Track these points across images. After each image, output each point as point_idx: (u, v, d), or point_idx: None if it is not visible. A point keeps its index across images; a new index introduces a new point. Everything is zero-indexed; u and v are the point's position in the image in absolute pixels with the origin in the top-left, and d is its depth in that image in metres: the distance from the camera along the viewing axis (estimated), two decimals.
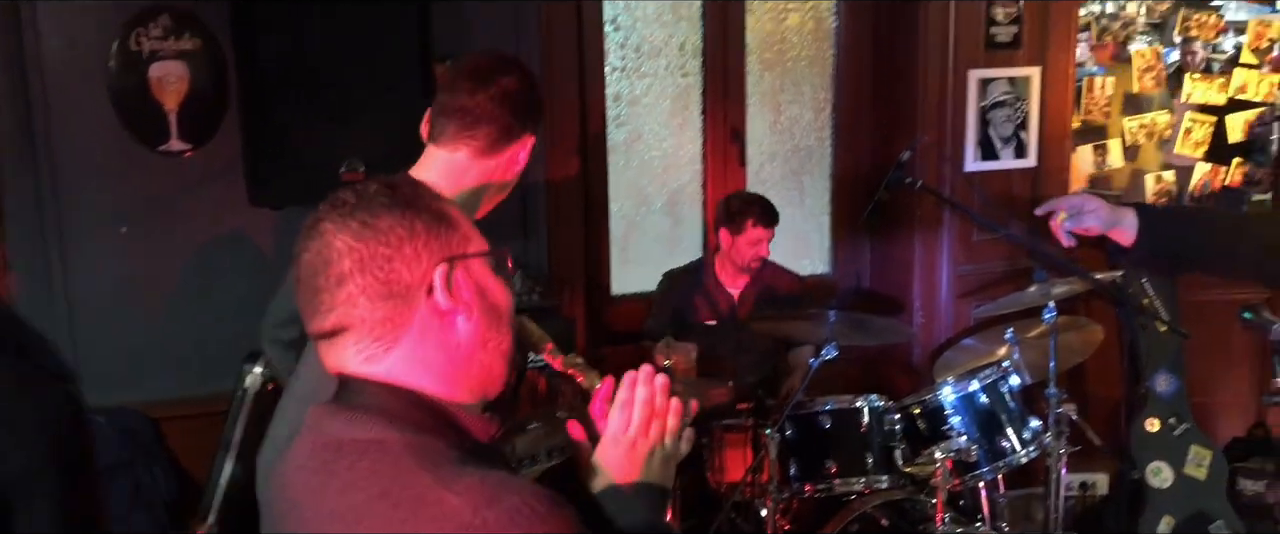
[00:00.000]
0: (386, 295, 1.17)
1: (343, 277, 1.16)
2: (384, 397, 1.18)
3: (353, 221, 1.17)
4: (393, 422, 1.16)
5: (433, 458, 1.12)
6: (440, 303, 1.19)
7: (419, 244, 1.18)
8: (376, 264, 1.17)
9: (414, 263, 1.18)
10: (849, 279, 4.37)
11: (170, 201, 3.28)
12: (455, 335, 1.21)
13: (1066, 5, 4.03)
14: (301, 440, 1.22)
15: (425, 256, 1.19)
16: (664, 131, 4.11)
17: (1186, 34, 4.30)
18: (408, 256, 1.18)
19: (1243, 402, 4.32)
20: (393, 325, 1.18)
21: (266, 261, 3.35)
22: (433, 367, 1.20)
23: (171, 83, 3.23)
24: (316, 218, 1.20)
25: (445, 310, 1.20)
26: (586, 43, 3.82)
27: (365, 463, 1.12)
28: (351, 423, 1.17)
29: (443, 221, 1.21)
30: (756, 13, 4.12)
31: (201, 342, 3.34)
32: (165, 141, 3.25)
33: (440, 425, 1.19)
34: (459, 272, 1.21)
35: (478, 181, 2.04)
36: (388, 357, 1.19)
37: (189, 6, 3.20)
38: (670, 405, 1.40)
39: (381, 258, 1.17)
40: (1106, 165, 4.29)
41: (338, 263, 1.16)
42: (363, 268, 1.16)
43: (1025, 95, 4.04)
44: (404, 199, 1.20)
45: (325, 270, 1.17)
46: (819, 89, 4.28)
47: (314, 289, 1.18)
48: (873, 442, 3.27)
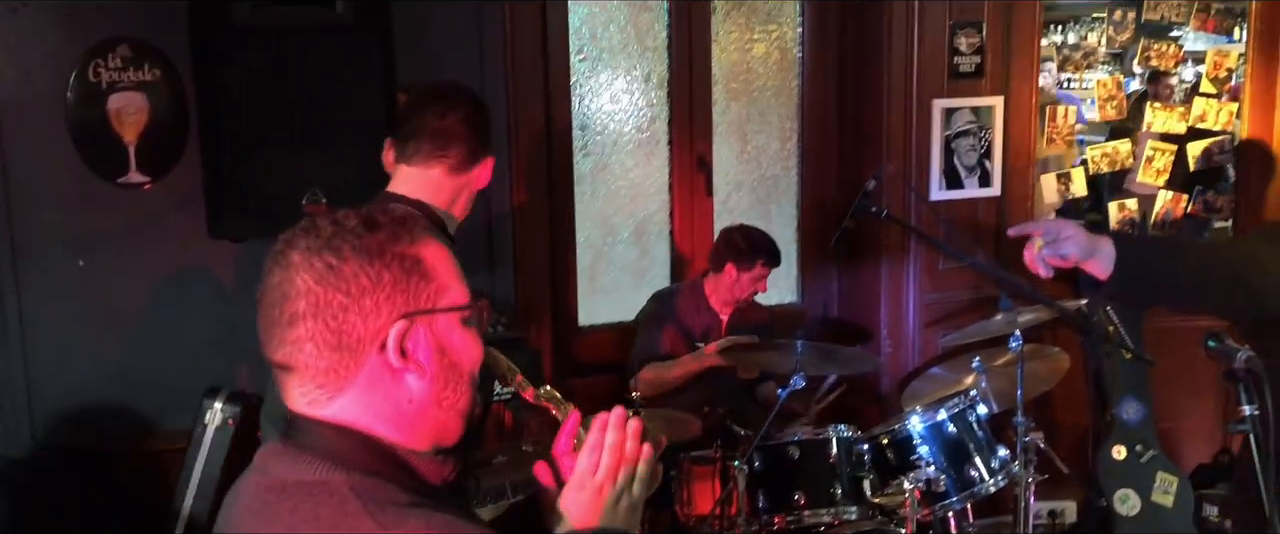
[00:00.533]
0: (335, 346, 1.13)
1: (295, 317, 1.12)
2: (331, 438, 1.15)
3: (318, 261, 1.12)
4: (340, 463, 1.12)
5: (377, 500, 1.08)
6: (392, 361, 1.14)
7: (381, 296, 1.13)
8: (330, 312, 1.12)
9: (372, 315, 1.13)
10: (816, 308, 4.37)
11: (129, 234, 3.24)
12: (406, 391, 1.16)
13: (1028, 35, 4.07)
14: (247, 480, 1.19)
15: (385, 310, 1.14)
16: (630, 161, 4.10)
17: (1146, 63, 4.35)
18: (365, 309, 1.13)
19: (1208, 428, 4.35)
20: (337, 376, 1.14)
21: (227, 295, 3.31)
22: (381, 415, 1.16)
23: (131, 114, 3.20)
24: (288, 242, 1.16)
25: (396, 368, 1.15)
26: (552, 73, 3.81)
27: (308, 505, 1.09)
28: (297, 464, 1.14)
29: (415, 272, 1.16)
30: (722, 43, 4.14)
31: (161, 376, 3.28)
32: (124, 173, 3.21)
33: (390, 468, 1.15)
34: (419, 328, 1.16)
35: (450, 198, 2.20)
36: (331, 404, 1.15)
37: (148, 37, 3.16)
38: (641, 451, 1.36)
39: (337, 307, 1.12)
40: (1070, 194, 4.32)
41: (294, 301, 1.12)
42: (316, 313, 1.12)
43: (989, 124, 4.07)
44: (377, 245, 1.14)
45: (282, 305, 1.13)
46: (785, 119, 4.29)
47: (271, 319, 1.15)
48: (841, 472, 3.26)
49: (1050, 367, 3.64)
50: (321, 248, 1.13)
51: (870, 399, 4.21)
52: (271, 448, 1.18)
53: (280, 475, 1.14)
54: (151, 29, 3.16)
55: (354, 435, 1.15)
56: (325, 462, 1.12)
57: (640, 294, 3.92)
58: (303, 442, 1.16)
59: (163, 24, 3.12)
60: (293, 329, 1.13)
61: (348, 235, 1.14)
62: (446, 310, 1.18)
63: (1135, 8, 4.32)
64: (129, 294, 3.27)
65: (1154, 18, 4.31)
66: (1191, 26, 4.35)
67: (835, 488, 3.24)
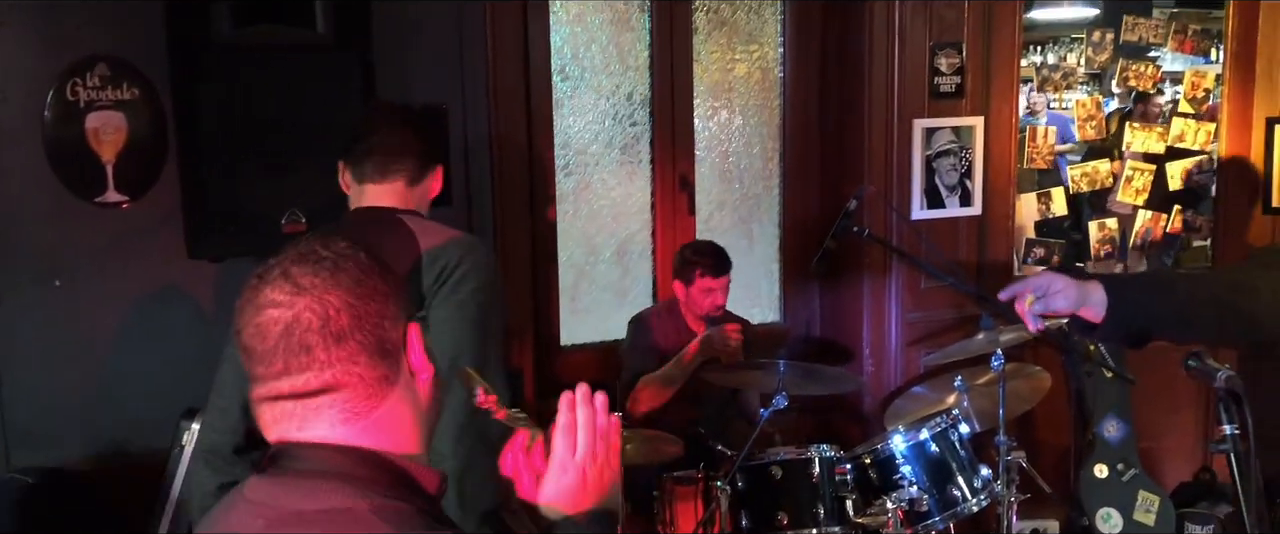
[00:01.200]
0: (383, 353, 1.17)
1: (341, 333, 1.14)
2: (337, 460, 1.14)
3: (345, 277, 1.15)
4: (355, 486, 1.12)
5: (402, 522, 1.10)
6: (413, 362, 1.21)
7: (397, 304, 1.19)
8: (372, 322, 1.16)
9: (396, 322, 1.19)
10: (799, 327, 4.37)
11: (107, 254, 3.21)
12: (422, 393, 1.23)
13: (1008, 56, 4.10)
14: (245, 515, 1.15)
15: (402, 317, 1.20)
16: (613, 180, 4.10)
17: (1125, 84, 4.39)
18: (392, 315, 1.18)
19: (1189, 447, 4.37)
20: (386, 384, 1.17)
21: (205, 315, 3.28)
22: (404, 423, 1.20)
23: (109, 133, 3.17)
24: (284, 273, 1.15)
25: (416, 369, 1.21)
26: (534, 92, 3.81)
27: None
28: (310, 493, 1.12)
29: (399, 281, 1.22)
30: (704, 63, 4.15)
31: (139, 397, 3.25)
32: (102, 193, 3.18)
33: (400, 485, 1.16)
34: (417, 330, 1.22)
35: (413, 208, 2.31)
36: (371, 415, 1.16)
37: (127, 56, 3.15)
38: (612, 422, 1.36)
39: (375, 315, 1.16)
40: (1051, 213, 4.34)
41: (336, 319, 1.13)
42: (361, 325, 1.15)
43: (969, 144, 4.09)
44: (376, 258, 1.20)
45: (323, 328, 1.13)
46: (767, 138, 4.31)
47: (303, 347, 1.13)
48: (824, 492, 3.25)
49: (1032, 386, 3.65)
50: (337, 268, 1.16)
51: (853, 418, 4.21)
52: (266, 480, 1.16)
53: (293, 506, 1.12)
54: (130, 48, 3.14)
55: (357, 454, 1.16)
56: (338, 485, 1.12)
57: (622, 313, 3.91)
58: (302, 468, 1.15)
59: (142, 43, 3.11)
60: (341, 346, 1.14)
61: (351, 253, 1.18)
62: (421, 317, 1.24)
63: (1114, 29, 4.36)
64: (106, 314, 3.24)
65: (1132, 39, 4.35)
66: (1169, 48, 4.39)
67: (818, 508, 3.23)
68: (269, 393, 1.16)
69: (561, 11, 3.89)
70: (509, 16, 3.70)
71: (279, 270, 1.16)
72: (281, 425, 1.17)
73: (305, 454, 1.15)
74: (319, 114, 2.97)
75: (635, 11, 4.03)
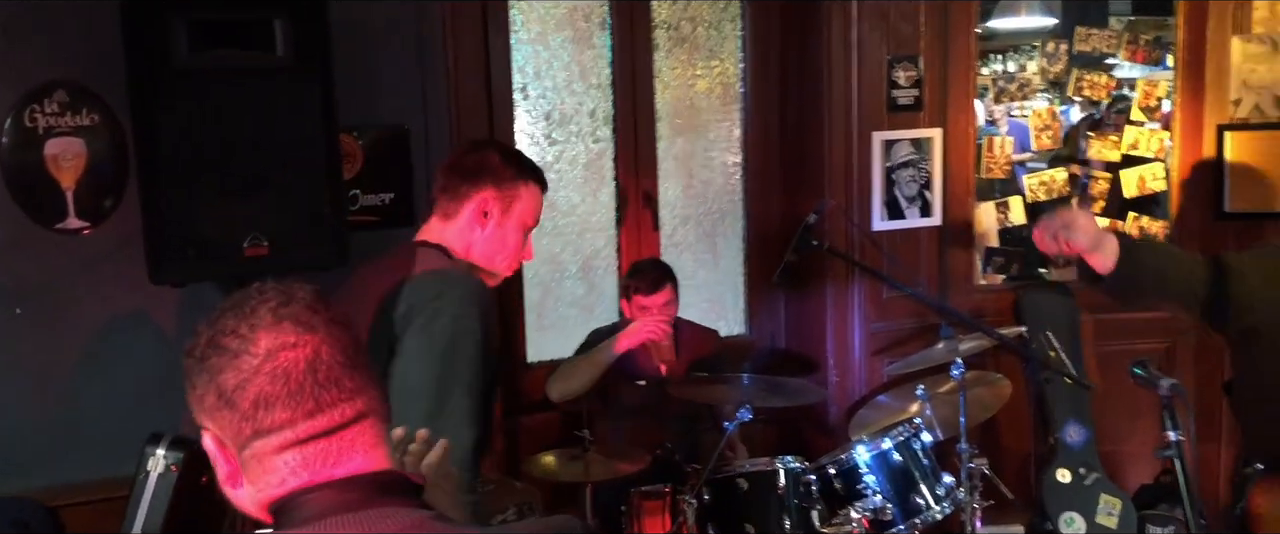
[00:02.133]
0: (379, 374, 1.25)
1: (358, 362, 1.18)
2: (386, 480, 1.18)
3: (330, 313, 1.18)
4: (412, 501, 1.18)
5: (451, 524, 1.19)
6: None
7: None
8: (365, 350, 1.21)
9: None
10: (764, 339, 4.40)
11: (68, 281, 3.20)
12: None
13: (964, 69, 4.16)
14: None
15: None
16: (577, 197, 4.13)
17: (1080, 93, 4.46)
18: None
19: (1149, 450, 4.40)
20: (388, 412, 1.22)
21: (168, 340, 3.27)
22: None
23: (68, 159, 3.17)
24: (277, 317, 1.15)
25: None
26: (496, 112, 3.83)
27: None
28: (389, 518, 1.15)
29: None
30: (665, 79, 4.18)
31: (101, 424, 3.23)
32: (62, 219, 3.17)
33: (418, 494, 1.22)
34: None
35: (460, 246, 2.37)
36: (387, 439, 1.21)
37: (86, 82, 3.14)
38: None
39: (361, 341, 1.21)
40: (1009, 222, 4.41)
41: (350, 348, 1.17)
42: (363, 351, 1.19)
43: (928, 155, 4.15)
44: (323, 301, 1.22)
45: (344, 358, 1.15)
46: (729, 153, 4.35)
47: (330, 381, 1.14)
48: (790, 503, 3.28)
49: (993, 393, 3.70)
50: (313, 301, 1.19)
51: (819, 428, 4.25)
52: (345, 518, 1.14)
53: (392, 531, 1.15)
54: (89, 73, 3.14)
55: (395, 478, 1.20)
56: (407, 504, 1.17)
57: (588, 329, 3.93)
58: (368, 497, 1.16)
59: (101, 68, 3.10)
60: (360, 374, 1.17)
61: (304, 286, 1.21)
62: None
63: (1067, 40, 4.43)
64: (69, 341, 3.23)
65: (1085, 49, 4.43)
66: (1122, 57, 4.48)
67: (784, 519, 3.26)
68: (300, 435, 1.14)
69: (522, 31, 3.91)
70: (470, 36, 3.73)
71: (269, 315, 1.15)
72: (312, 467, 1.15)
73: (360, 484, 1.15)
74: (280, 137, 2.97)
75: (596, 30, 4.06)
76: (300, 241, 2.98)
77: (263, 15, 2.96)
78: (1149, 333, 4.24)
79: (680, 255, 4.27)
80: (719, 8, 4.24)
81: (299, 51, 2.98)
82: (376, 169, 3.57)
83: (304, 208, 2.99)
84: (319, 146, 3.01)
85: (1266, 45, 4.22)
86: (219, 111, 2.92)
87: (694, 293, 4.28)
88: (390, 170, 3.60)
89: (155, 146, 2.88)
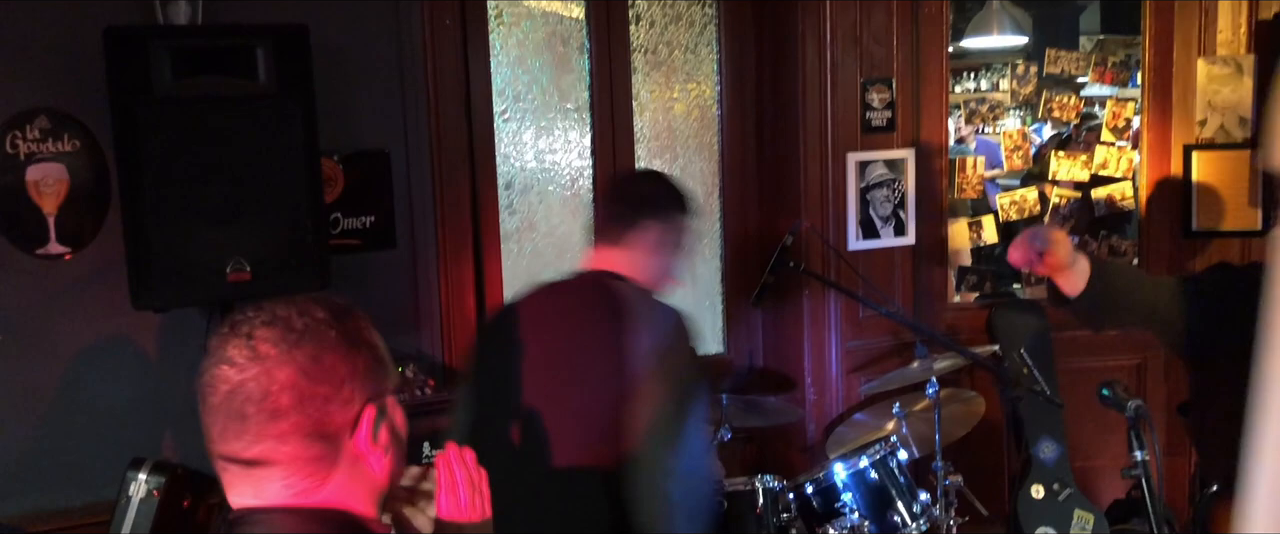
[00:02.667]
0: (320, 436, 1.16)
1: (278, 411, 1.14)
2: (290, 523, 1.17)
3: (300, 354, 1.15)
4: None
5: None
6: (363, 444, 1.19)
7: (356, 385, 1.18)
8: (315, 404, 1.15)
9: (349, 404, 1.18)
10: (742, 358, 4.45)
11: (49, 306, 3.21)
12: (378, 468, 1.22)
13: (936, 90, 4.23)
14: None
15: (359, 398, 1.18)
16: (556, 219, 4.17)
17: (1050, 115, 4.54)
18: (345, 398, 1.17)
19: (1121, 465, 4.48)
20: (323, 464, 1.17)
21: (149, 365, 3.29)
22: (358, 495, 1.21)
23: (50, 185, 3.18)
24: (248, 335, 1.16)
25: (366, 450, 1.20)
26: (476, 134, 3.87)
27: None
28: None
29: (378, 358, 1.22)
30: (643, 101, 4.23)
31: (84, 448, 3.24)
32: (44, 245, 3.19)
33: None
34: (384, 407, 1.22)
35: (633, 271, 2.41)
36: (320, 491, 1.18)
37: (68, 108, 3.16)
38: (483, 476, 1.47)
39: (320, 398, 1.15)
40: (981, 241, 4.48)
41: (276, 396, 1.14)
42: (301, 407, 1.14)
43: (902, 176, 4.21)
44: (353, 334, 1.19)
45: (261, 400, 1.14)
46: (706, 174, 4.40)
47: (240, 415, 1.15)
48: (768, 522, 3.32)
49: (968, 410, 3.75)
50: (300, 340, 1.16)
51: (797, 446, 4.29)
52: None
53: None
54: (71, 99, 3.16)
55: (338, 518, 1.18)
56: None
57: None
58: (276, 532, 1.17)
59: (82, 94, 3.12)
60: (275, 423, 1.14)
61: (325, 327, 1.17)
62: (395, 391, 1.25)
63: (1037, 62, 4.52)
64: (50, 366, 3.23)
65: (1054, 71, 4.51)
66: (1090, 78, 4.56)
67: None
68: (214, 451, 1.18)
69: (502, 55, 3.96)
70: (449, 60, 3.76)
71: (247, 328, 1.17)
72: (236, 490, 1.18)
73: (261, 518, 1.17)
74: (262, 162, 3.01)
75: (575, 54, 4.11)
76: (282, 266, 3.01)
77: (245, 43, 2.99)
78: (1120, 350, 4.31)
79: None
80: (695, 32, 4.30)
81: (281, 78, 3.01)
82: (357, 192, 3.60)
83: (286, 232, 3.02)
84: (301, 172, 3.04)
85: (1231, 67, 4.31)
86: (202, 138, 2.95)
87: None
88: (371, 193, 3.63)
89: (138, 173, 2.91)
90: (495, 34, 3.92)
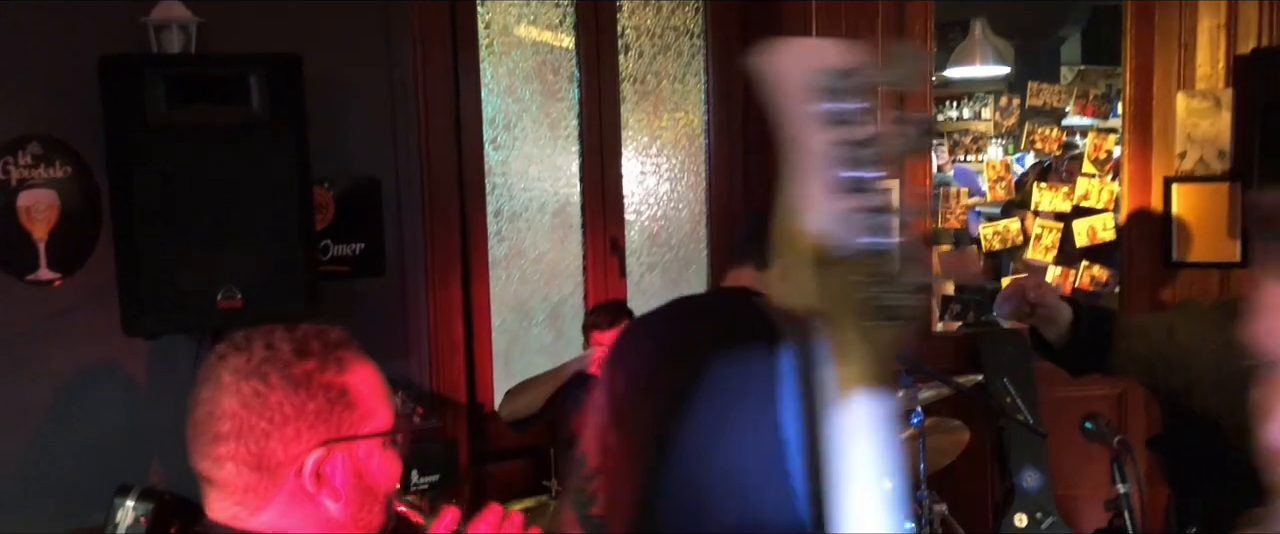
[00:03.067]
0: (255, 467, 1.18)
1: (218, 436, 1.19)
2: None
3: (246, 386, 1.18)
4: None
5: None
6: (307, 486, 1.20)
7: (303, 425, 1.19)
8: (253, 437, 1.18)
9: (293, 442, 1.19)
10: None
11: (39, 332, 3.20)
12: (323, 512, 1.22)
13: None
14: None
15: (306, 437, 1.19)
16: (545, 245, 4.19)
17: (1032, 146, 4.61)
18: (287, 436, 1.18)
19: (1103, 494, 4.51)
20: (256, 495, 1.20)
21: (138, 392, 3.28)
22: (294, 529, 1.22)
23: (41, 211, 3.19)
24: (220, 357, 1.21)
25: (311, 492, 1.21)
26: (466, 161, 3.89)
27: None
28: None
29: (339, 402, 1.21)
30: (632, 130, 4.27)
31: (73, 475, 3.23)
32: (34, 270, 3.19)
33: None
34: (338, 455, 1.21)
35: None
36: (253, 519, 1.21)
37: (60, 134, 3.17)
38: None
39: (259, 432, 1.18)
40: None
41: (219, 421, 1.18)
42: (239, 436, 1.18)
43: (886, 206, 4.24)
44: (304, 374, 1.20)
45: (208, 422, 1.20)
46: (694, 202, 4.44)
47: (198, 431, 1.21)
48: None
49: (952, 440, 3.78)
50: (250, 373, 1.19)
51: None
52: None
53: None
54: (63, 127, 3.17)
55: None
56: None
57: None
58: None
59: (75, 122, 3.13)
60: (216, 447, 1.19)
61: (276, 363, 1.19)
62: (367, 437, 1.24)
63: (1020, 94, 4.58)
64: (40, 392, 3.23)
65: (1037, 103, 4.58)
66: (1072, 110, 4.63)
67: None
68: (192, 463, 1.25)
69: (493, 84, 3.99)
70: (440, 88, 3.79)
71: (223, 350, 1.22)
72: (206, 502, 1.24)
73: (211, 529, 1.22)
74: (255, 190, 3.03)
75: (564, 83, 4.15)
76: (273, 293, 3.02)
77: (239, 71, 3.02)
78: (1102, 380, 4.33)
79: (646, 302, 4.33)
80: (684, 62, 4.35)
81: (274, 106, 3.04)
82: (348, 219, 3.62)
83: (277, 260, 3.04)
84: (292, 199, 3.06)
85: (1210, 101, 4.38)
86: (194, 165, 2.97)
87: None
88: (361, 220, 3.65)
89: (131, 200, 2.92)
90: (486, 63, 3.96)
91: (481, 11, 3.91)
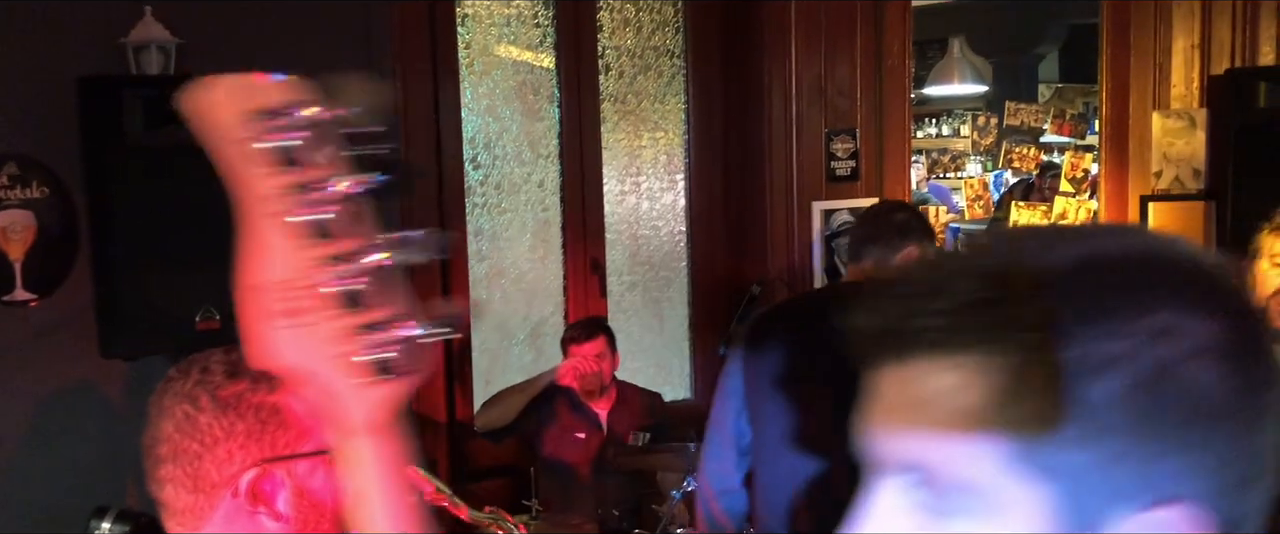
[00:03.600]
0: (192, 489, 1.20)
1: (160, 459, 1.20)
2: None
3: (179, 410, 1.19)
4: None
5: None
6: (244, 505, 1.20)
7: (235, 445, 1.19)
8: (187, 459, 1.19)
9: (226, 463, 1.19)
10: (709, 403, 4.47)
11: (15, 353, 3.19)
12: (264, 530, 1.21)
13: (899, 141, 4.32)
14: None
15: (238, 457, 1.19)
16: (526, 265, 4.20)
17: (1010, 165, 4.65)
18: (219, 457, 1.19)
19: None
20: (195, 516, 1.21)
21: (117, 414, 3.27)
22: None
23: (17, 232, 3.18)
24: (168, 380, 1.22)
25: (249, 511, 1.20)
26: (447, 181, 3.90)
27: None
28: None
29: (271, 421, 1.21)
30: (613, 149, 4.29)
31: (49, 497, 3.21)
32: (10, 291, 3.17)
33: None
34: (276, 473, 1.21)
35: None
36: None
37: (37, 155, 3.16)
38: None
39: (192, 454, 1.19)
40: None
41: (160, 445, 1.20)
42: (175, 459, 1.19)
43: None
44: (233, 396, 1.20)
45: (153, 447, 1.21)
46: (674, 221, 4.45)
47: (146, 455, 1.22)
48: None
49: None
50: (183, 397, 1.20)
51: None
52: None
53: None
54: (40, 148, 3.16)
55: None
56: None
57: None
58: None
59: (53, 141, 3.13)
60: (158, 469, 1.21)
61: (207, 385, 1.20)
62: (307, 456, 1.25)
63: (998, 114, 4.63)
64: (16, 413, 3.21)
65: (1015, 123, 4.62)
66: (1049, 129, 4.67)
67: None
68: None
69: (474, 103, 4.00)
70: (421, 107, 3.81)
71: (168, 378, 1.23)
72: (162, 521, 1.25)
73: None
74: (232, 212, 3.02)
75: (545, 103, 4.16)
76: None
77: None
78: None
79: (626, 320, 4.35)
80: (664, 82, 4.37)
81: None
82: None
83: None
84: None
85: (1185, 120, 4.43)
86: (172, 187, 2.95)
87: (640, 358, 4.35)
88: None
89: (109, 221, 2.92)
90: (466, 82, 3.97)
91: (462, 32, 3.93)
